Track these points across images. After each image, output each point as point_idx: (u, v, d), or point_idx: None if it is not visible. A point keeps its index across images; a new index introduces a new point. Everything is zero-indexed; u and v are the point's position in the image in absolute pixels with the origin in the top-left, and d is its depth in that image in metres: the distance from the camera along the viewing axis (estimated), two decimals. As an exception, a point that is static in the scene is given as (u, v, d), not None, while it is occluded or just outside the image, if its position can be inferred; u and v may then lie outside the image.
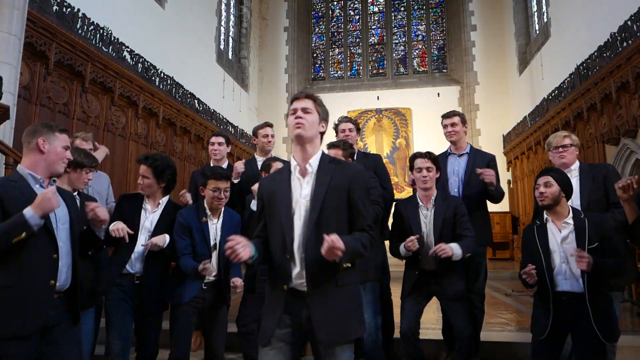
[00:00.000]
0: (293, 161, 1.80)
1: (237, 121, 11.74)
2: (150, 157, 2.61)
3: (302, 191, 1.73)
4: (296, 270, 1.68)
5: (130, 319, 2.49)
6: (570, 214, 2.37)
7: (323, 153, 1.81)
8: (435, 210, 2.78)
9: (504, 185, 9.97)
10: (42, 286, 1.86)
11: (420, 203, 2.84)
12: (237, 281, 2.62)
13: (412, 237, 2.66)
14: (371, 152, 3.86)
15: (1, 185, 1.87)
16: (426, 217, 2.81)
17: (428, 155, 2.81)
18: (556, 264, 2.33)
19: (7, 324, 1.77)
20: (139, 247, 2.51)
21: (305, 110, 1.78)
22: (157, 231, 2.56)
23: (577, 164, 2.83)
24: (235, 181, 3.26)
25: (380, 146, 13.14)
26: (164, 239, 2.53)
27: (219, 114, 10.63)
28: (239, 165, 3.45)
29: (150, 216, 2.59)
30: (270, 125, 3.73)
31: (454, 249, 2.59)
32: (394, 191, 3.26)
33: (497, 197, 3.13)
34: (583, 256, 2.15)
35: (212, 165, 3.80)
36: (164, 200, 2.66)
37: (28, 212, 1.80)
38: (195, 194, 3.67)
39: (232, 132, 11.31)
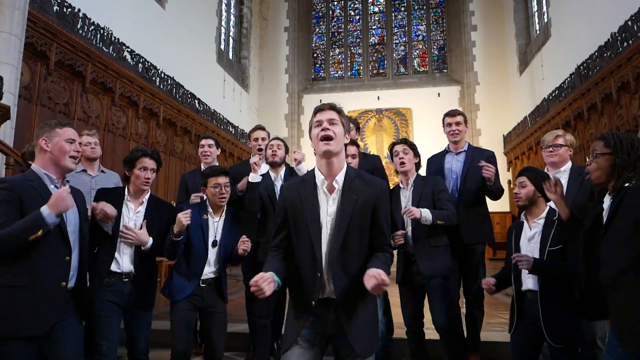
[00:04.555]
0: (319, 175, 1.73)
1: (237, 121, 11.75)
2: (150, 150, 2.60)
3: (328, 208, 1.70)
4: (325, 287, 1.69)
5: (118, 319, 2.44)
6: (543, 214, 2.38)
7: (348, 167, 1.76)
8: (413, 189, 2.88)
9: (504, 185, 9.95)
10: (54, 288, 1.88)
11: (401, 186, 2.96)
12: (244, 239, 2.60)
13: (398, 233, 2.72)
14: (371, 153, 3.85)
15: (20, 186, 1.87)
16: (406, 197, 2.90)
17: (404, 141, 2.97)
18: None
19: (15, 324, 1.77)
20: (122, 247, 2.44)
21: (331, 122, 1.70)
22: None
23: (568, 164, 2.78)
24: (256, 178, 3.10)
25: (380, 146, 13.14)
26: (147, 241, 2.46)
27: (220, 114, 10.64)
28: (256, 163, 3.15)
29: (133, 216, 2.49)
30: (262, 129, 3.65)
31: (423, 212, 2.64)
32: (394, 191, 3.25)
33: (496, 194, 3.11)
34: (521, 258, 2.23)
35: (202, 167, 3.74)
36: (147, 197, 2.57)
37: (44, 210, 1.82)
38: (185, 197, 3.67)
39: (233, 132, 11.32)
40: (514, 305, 2.40)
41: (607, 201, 1.81)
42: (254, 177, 2.89)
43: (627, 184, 1.70)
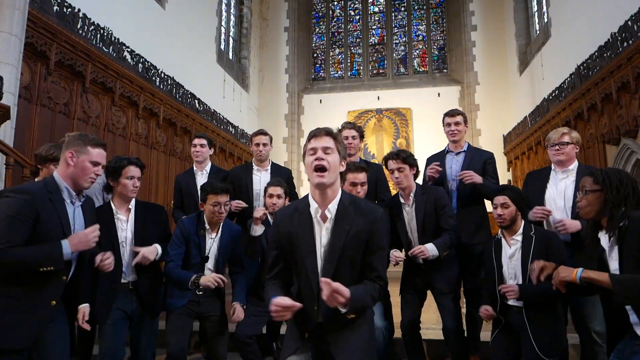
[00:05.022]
0: (313, 203, 1.68)
1: (237, 121, 11.74)
2: (135, 158, 2.59)
3: (322, 239, 1.66)
4: (319, 319, 1.69)
5: (124, 327, 2.44)
6: (521, 230, 2.41)
7: (342, 193, 1.70)
8: (416, 206, 2.78)
9: (504, 186, 9.85)
10: (44, 305, 1.84)
11: (402, 201, 2.86)
12: (238, 309, 2.63)
13: (398, 256, 2.70)
14: (374, 162, 3.79)
15: (39, 199, 1.82)
16: (409, 213, 2.82)
17: (397, 155, 2.79)
18: (505, 278, 2.42)
19: (3, 336, 1.74)
20: (125, 258, 2.45)
21: (326, 150, 1.62)
22: (138, 241, 2.49)
23: (575, 164, 2.75)
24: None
25: (380, 146, 13.13)
26: (155, 251, 2.47)
27: (220, 114, 10.63)
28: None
29: (126, 226, 2.49)
30: (263, 134, 3.66)
31: (430, 250, 2.60)
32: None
33: (489, 195, 3.04)
34: (507, 289, 2.28)
35: (194, 167, 3.77)
36: (132, 202, 2.57)
37: (66, 247, 1.80)
38: (179, 198, 3.65)
39: (233, 132, 11.31)
40: (498, 318, 2.44)
41: (602, 237, 1.83)
42: (256, 230, 2.85)
43: (621, 224, 1.72)
